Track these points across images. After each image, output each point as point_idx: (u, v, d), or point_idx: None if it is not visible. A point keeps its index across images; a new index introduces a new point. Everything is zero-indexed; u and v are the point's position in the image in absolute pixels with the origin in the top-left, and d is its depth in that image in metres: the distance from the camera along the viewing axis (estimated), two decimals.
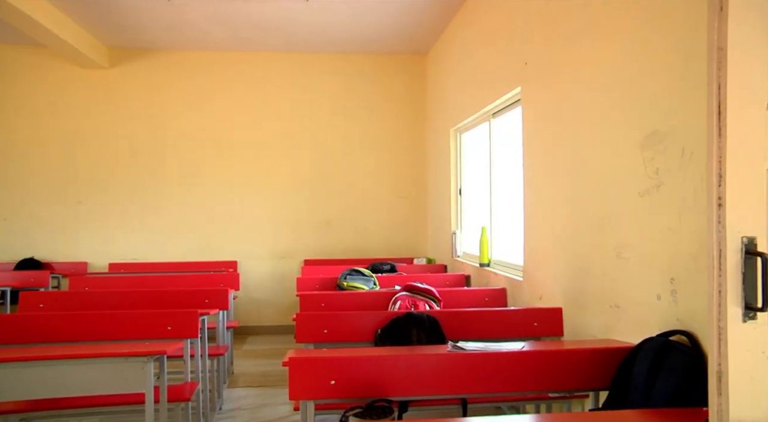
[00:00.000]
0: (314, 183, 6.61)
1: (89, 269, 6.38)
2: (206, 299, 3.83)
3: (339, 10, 5.29)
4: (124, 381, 2.47)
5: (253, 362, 5.31)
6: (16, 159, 6.40)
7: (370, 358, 2.12)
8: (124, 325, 3.18)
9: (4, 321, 3.27)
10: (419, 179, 6.71)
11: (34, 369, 2.45)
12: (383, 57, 6.67)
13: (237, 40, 6.14)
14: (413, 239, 6.69)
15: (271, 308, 6.54)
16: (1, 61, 6.38)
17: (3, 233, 6.40)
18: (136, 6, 5.20)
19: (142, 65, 6.51)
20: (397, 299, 3.61)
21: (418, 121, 6.72)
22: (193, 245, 6.49)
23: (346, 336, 2.89)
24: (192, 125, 6.53)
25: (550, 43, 3.25)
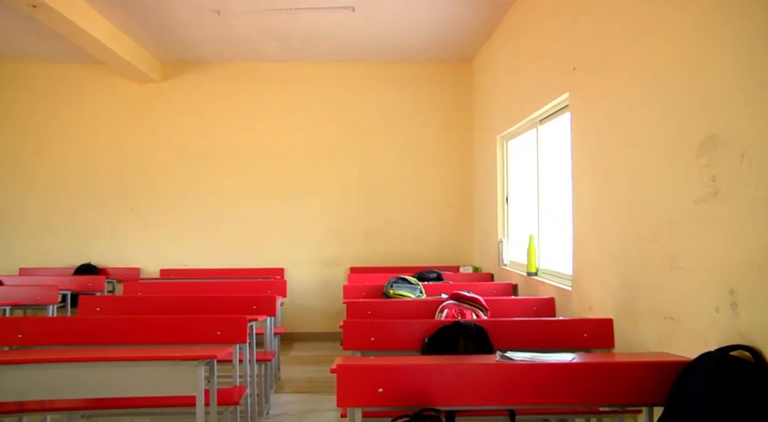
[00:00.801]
0: (361, 191, 6.66)
1: (141, 275, 6.59)
2: (254, 305, 3.90)
3: (385, 20, 5.33)
4: (176, 383, 2.54)
5: (299, 368, 5.36)
6: (76, 169, 6.70)
7: (418, 367, 2.11)
8: (175, 329, 3.27)
9: (65, 323, 3.42)
10: (466, 187, 6.67)
11: (93, 369, 2.54)
12: (429, 65, 6.68)
13: (285, 51, 6.25)
14: (459, 248, 6.64)
15: (317, 315, 6.60)
16: (65, 78, 6.71)
17: (63, 240, 6.68)
18: (187, 21, 5.37)
19: (193, 78, 6.71)
20: (444, 308, 3.59)
21: (464, 128, 6.69)
22: (241, 252, 6.63)
23: (393, 344, 2.89)
24: (241, 135, 6.69)
25: (599, 47, 3.19)
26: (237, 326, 3.19)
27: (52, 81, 6.73)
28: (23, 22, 5.37)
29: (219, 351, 2.58)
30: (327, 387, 4.67)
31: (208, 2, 4.93)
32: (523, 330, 3.00)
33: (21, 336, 3.26)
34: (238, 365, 3.34)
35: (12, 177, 6.71)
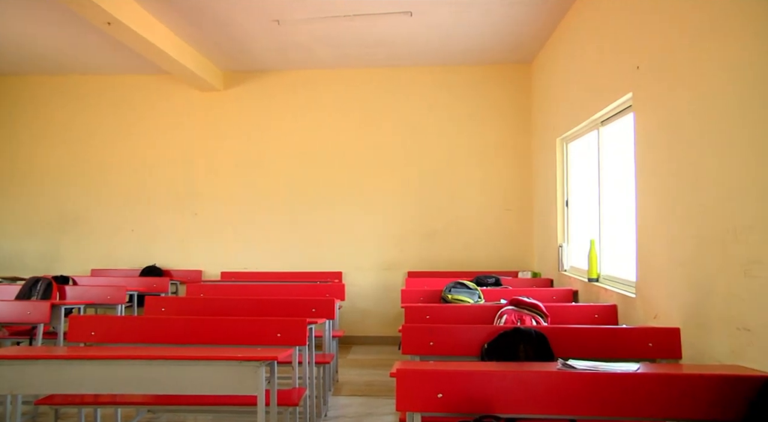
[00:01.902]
0: (419, 196, 6.66)
1: (203, 277, 6.81)
2: (313, 308, 3.95)
3: (443, 23, 5.32)
4: (238, 383, 2.60)
5: (357, 371, 5.40)
6: (143, 176, 6.99)
7: (478, 373, 2.09)
8: (237, 330, 3.35)
9: (134, 322, 3.56)
10: (525, 191, 6.57)
11: (160, 367, 2.64)
12: (487, 67, 6.63)
13: (342, 57, 6.34)
14: (518, 252, 6.55)
15: (375, 318, 6.64)
16: (131, 89, 7.04)
17: (130, 243, 6.98)
18: (248, 31, 5.52)
19: (253, 86, 6.89)
20: (503, 314, 3.54)
21: (523, 131, 6.60)
22: (300, 256, 6.74)
23: (452, 349, 2.87)
24: (300, 141, 6.81)
25: (666, 45, 3.08)
26: (297, 328, 3.24)
27: (120, 92, 7.06)
28: (95, 38, 5.67)
29: (280, 352, 2.62)
30: (384, 391, 4.69)
31: (268, 12, 5.06)
32: (584, 337, 2.93)
33: (94, 333, 3.43)
34: (297, 367, 3.40)
35: (84, 184, 7.08)
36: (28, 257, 7.10)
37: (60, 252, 7.09)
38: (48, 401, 3.05)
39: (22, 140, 7.18)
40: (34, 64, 6.68)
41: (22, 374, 2.66)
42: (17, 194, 7.17)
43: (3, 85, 7.23)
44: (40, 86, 7.18)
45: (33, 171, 7.16)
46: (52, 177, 7.13)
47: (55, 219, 7.12)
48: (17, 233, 7.16)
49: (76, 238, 7.08)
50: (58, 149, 7.13)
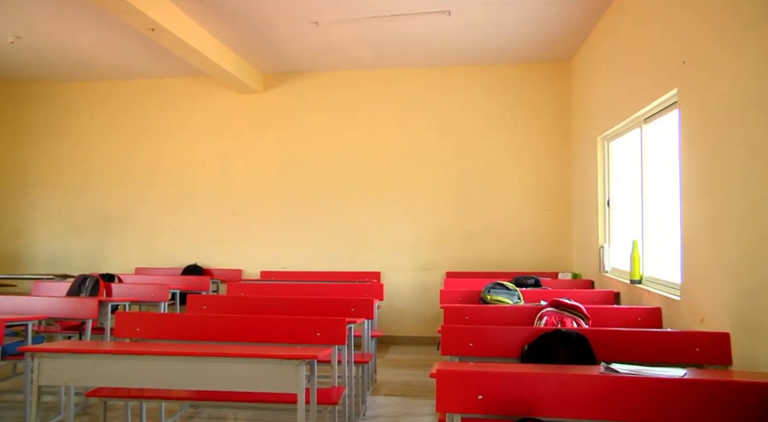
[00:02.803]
0: (457, 196, 6.63)
1: (243, 276, 6.92)
2: (352, 308, 3.98)
3: (481, 22, 5.29)
4: (279, 381, 2.63)
5: (395, 371, 5.41)
6: (184, 177, 7.15)
7: (519, 375, 2.07)
8: (277, 329, 3.40)
9: (177, 319, 3.64)
10: (564, 191, 6.47)
11: (203, 363, 2.69)
12: (525, 66, 6.55)
13: (380, 57, 6.36)
14: (558, 253, 6.45)
15: (413, 319, 6.64)
16: (172, 92, 7.21)
17: (172, 243, 7.15)
18: (287, 34, 5.59)
19: (291, 87, 6.96)
20: (543, 315, 3.50)
21: (562, 130, 6.50)
22: (338, 255, 6.79)
23: (491, 350, 2.85)
24: (338, 142, 6.86)
25: (715, 37, 2.97)
26: (336, 328, 3.27)
27: (161, 95, 7.25)
28: (139, 43, 5.83)
29: (319, 351, 2.65)
30: (423, 391, 4.69)
31: (306, 15, 5.11)
32: (627, 340, 2.86)
33: (139, 329, 3.52)
34: (336, 366, 3.42)
35: (128, 185, 7.28)
36: (75, 256, 7.34)
37: (105, 251, 7.31)
38: (97, 393, 3.16)
39: (70, 143, 7.44)
40: (81, 70, 6.91)
41: (74, 367, 2.76)
42: (65, 195, 7.42)
43: (52, 91, 7.50)
44: (85, 92, 7.42)
45: (79, 173, 7.41)
46: (97, 179, 7.36)
47: (100, 219, 7.34)
48: (65, 232, 7.41)
49: (120, 237, 7.28)
50: (102, 151, 7.36)
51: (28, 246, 7.50)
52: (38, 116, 7.54)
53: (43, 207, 7.49)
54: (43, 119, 7.52)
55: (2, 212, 7.57)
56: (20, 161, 7.55)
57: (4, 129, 7.59)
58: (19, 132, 7.56)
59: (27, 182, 7.53)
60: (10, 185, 7.56)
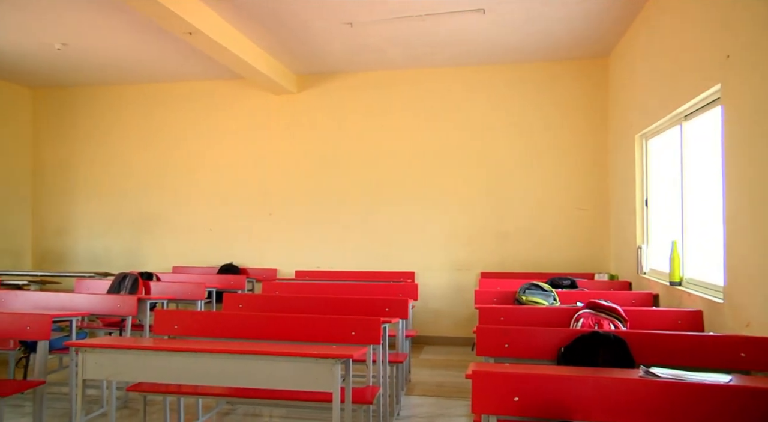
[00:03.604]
0: (491, 195, 6.58)
1: (278, 276, 6.99)
2: (387, 307, 3.98)
3: (515, 20, 5.24)
4: (314, 379, 2.66)
5: (429, 371, 5.40)
6: (220, 177, 7.27)
7: (556, 377, 2.05)
8: (312, 328, 3.43)
9: (214, 317, 3.71)
10: (601, 190, 6.36)
11: (239, 361, 2.74)
12: (560, 63, 6.46)
13: (413, 57, 6.35)
14: (594, 254, 6.34)
15: (447, 319, 6.61)
16: (208, 94, 7.34)
17: (209, 242, 7.28)
18: (321, 35, 5.63)
19: (325, 88, 7.01)
20: (580, 317, 3.45)
21: (598, 128, 6.38)
22: (372, 255, 6.81)
23: (527, 352, 2.82)
24: (372, 142, 6.88)
25: (759, 30, 2.87)
26: (371, 327, 3.28)
27: (197, 97, 7.38)
28: (176, 47, 5.95)
29: (355, 351, 2.66)
30: (457, 392, 4.67)
31: (341, 16, 5.13)
32: (667, 344, 2.80)
33: (177, 326, 3.60)
34: (371, 365, 3.43)
35: (165, 186, 7.44)
36: (115, 255, 7.54)
37: (143, 250, 7.49)
38: (137, 388, 3.24)
39: (110, 145, 7.64)
40: (120, 74, 7.09)
41: (115, 362, 2.84)
42: (105, 196, 7.63)
43: (93, 95, 7.71)
44: (124, 95, 7.61)
45: (119, 174, 7.60)
46: (136, 180, 7.54)
47: (138, 219, 7.52)
48: (105, 232, 7.62)
49: (157, 237, 7.45)
50: (141, 153, 7.54)
51: (72, 245, 7.74)
52: (81, 120, 7.76)
53: (86, 207, 7.71)
54: (85, 122, 7.74)
55: (48, 212, 7.82)
56: (64, 163, 7.79)
57: (50, 132, 7.84)
58: (64, 135, 7.80)
59: (70, 183, 7.77)
60: (55, 186, 7.81)
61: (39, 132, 7.89)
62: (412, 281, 6.43)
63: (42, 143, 7.88)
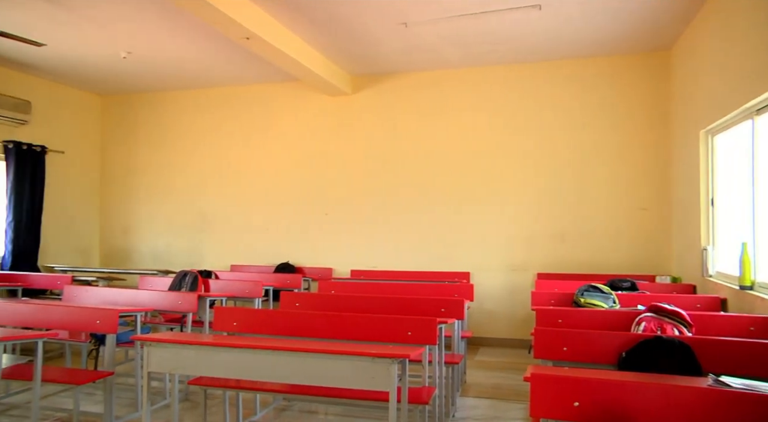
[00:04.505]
0: (547, 195, 6.45)
1: (334, 275, 7.06)
2: (442, 308, 3.97)
3: (571, 14, 5.12)
4: (371, 379, 2.66)
5: (484, 373, 5.34)
6: (277, 178, 7.42)
7: (618, 383, 1.99)
8: (368, 327, 3.45)
9: (271, 315, 3.79)
10: (662, 188, 6.13)
11: (296, 358, 2.77)
12: (619, 58, 6.27)
13: (468, 56, 6.30)
14: (655, 255, 6.12)
15: (503, 320, 6.53)
16: (264, 96, 7.51)
17: (266, 241, 7.43)
18: (376, 36, 5.66)
19: (380, 89, 7.04)
20: (641, 321, 3.33)
21: (660, 124, 6.16)
22: (427, 255, 6.79)
23: (586, 356, 2.76)
24: (427, 142, 6.86)
25: None
26: (428, 327, 3.27)
27: (255, 100, 7.55)
28: (232, 52, 6.10)
29: (411, 351, 2.66)
30: (513, 395, 4.61)
31: (395, 16, 5.15)
32: (738, 351, 2.67)
33: (236, 323, 3.68)
34: (427, 366, 3.43)
35: (223, 186, 7.65)
36: (175, 253, 7.81)
37: (202, 249, 7.72)
38: (198, 382, 3.35)
39: (170, 148, 7.94)
40: (180, 79, 7.36)
41: (178, 356, 2.93)
42: (167, 196, 7.92)
43: (154, 100, 8.03)
44: (184, 99, 7.89)
45: (179, 176, 7.88)
46: (195, 181, 7.79)
47: (197, 219, 7.76)
48: (166, 231, 7.91)
49: (216, 236, 7.66)
50: (200, 155, 7.78)
51: (136, 243, 8.06)
52: (144, 124, 8.08)
53: (149, 208, 8.02)
54: (148, 126, 8.05)
55: (115, 212, 8.17)
56: (129, 166, 8.13)
57: (116, 137, 8.19)
58: (128, 139, 8.14)
59: (135, 184, 8.10)
60: (121, 187, 8.16)
61: (106, 136, 8.26)
62: (468, 281, 6.38)
63: (108, 146, 8.25)
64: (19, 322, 3.91)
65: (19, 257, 6.90)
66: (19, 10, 5.07)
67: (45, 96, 7.36)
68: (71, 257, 7.79)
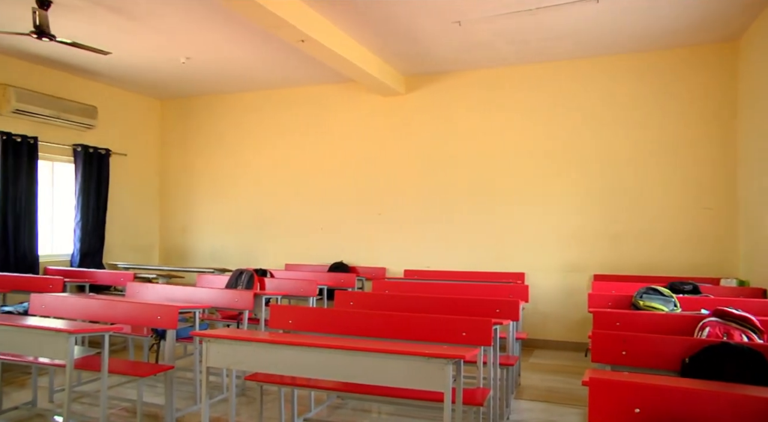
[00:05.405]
0: (604, 194, 6.27)
1: (387, 275, 7.08)
2: (497, 309, 3.92)
3: (631, 6, 4.95)
4: (426, 379, 2.66)
5: (539, 376, 5.26)
6: (331, 178, 7.51)
7: (683, 390, 1.92)
8: (422, 327, 3.44)
9: (326, 313, 3.83)
10: (728, 187, 5.86)
11: (351, 357, 2.79)
12: (681, 50, 6.02)
13: (524, 53, 6.20)
14: (720, 257, 5.86)
15: (558, 322, 6.40)
16: (318, 98, 7.61)
17: (320, 241, 7.53)
18: (430, 35, 5.65)
19: (433, 88, 7.02)
20: (706, 326, 3.20)
21: (726, 119, 5.88)
22: (480, 255, 6.73)
23: (647, 360, 2.67)
24: (480, 141, 6.80)
25: None
26: (483, 328, 3.24)
27: (309, 102, 7.66)
28: (286, 54, 6.21)
29: (466, 351, 2.63)
30: (568, 399, 4.51)
31: (449, 15, 5.12)
32: None
33: (292, 321, 3.74)
34: (482, 367, 3.39)
35: (278, 187, 7.80)
36: (231, 252, 8.02)
37: (257, 248, 7.89)
38: (254, 378, 3.42)
39: (227, 150, 8.15)
40: (237, 82, 7.53)
41: (235, 352, 3.00)
42: (223, 196, 8.14)
43: (212, 103, 8.26)
44: (240, 102, 8.07)
45: (235, 176, 8.08)
46: (251, 181, 7.97)
47: (252, 218, 7.94)
48: (223, 231, 8.13)
49: (271, 235, 7.82)
50: (255, 156, 7.96)
51: (194, 242, 8.31)
52: (201, 126, 8.32)
53: (206, 208, 8.26)
54: (205, 129, 8.28)
55: (174, 212, 8.45)
56: (187, 167, 8.40)
57: (175, 139, 8.47)
58: (186, 141, 8.41)
59: (192, 185, 8.35)
60: (181, 188, 8.43)
61: (165, 139, 8.55)
62: (522, 282, 6.28)
63: (168, 149, 8.54)
64: (87, 316, 4.10)
65: (86, 255, 7.24)
66: (88, 21, 5.32)
67: (109, 101, 7.68)
68: (133, 255, 8.11)
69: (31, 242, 6.59)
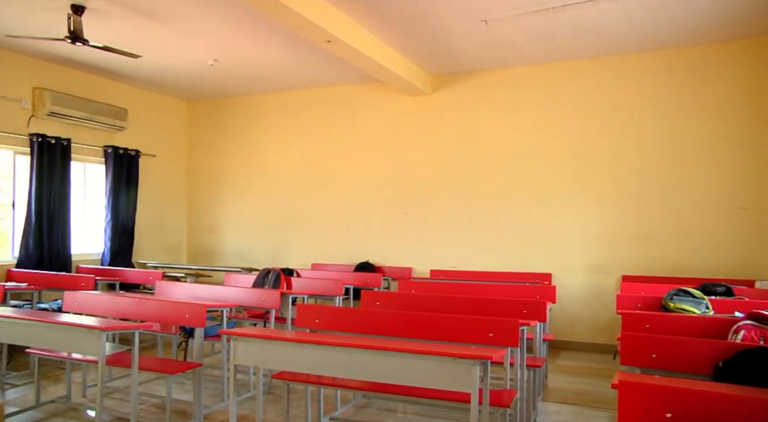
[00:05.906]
0: (634, 193, 6.16)
1: (413, 274, 7.08)
2: (524, 310, 3.89)
3: (661, 2, 4.85)
4: (452, 379, 2.64)
5: (566, 378, 5.20)
6: (357, 178, 7.53)
7: (717, 395, 1.87)
8: (449, 327, 3.43)
9: (353, 313, 3.85)
10: (761, 186, 5.71)
11: (378, 356, 2.79)
12: (717, 46, 5.87)
13: (551, 51, 6.14)
14: (754, 258, 5.71)
15: (585, 324, 6.32)
16: (345, 98, 7.64)
17: (346, 241, 7.55)
18: (456, 34, 5.62)
19: (459, 88, 6.99)
20: (740, 329, 3.13)
21: (763, 116, 5.71)
22: (507, 255, 6.68)
23: (678, 364, 2.62)
24: (507, 140, 6.74)
25: None
26: (510, 329, 3.22)
27: (334, 102, 7.70)
28: (312, 55, 6.25)
29: (494, 352, 2.61)
30: (596, 402, 4.45)
31: (476, 14, 5.09)
32: None
33: (318, 321, 3.77)
34: (509, 368, 3.37)
35: (304, 187, 7.85)
36: (258, 252, 8.09)
37: (284, 247, 7.94)
38: (281, 376, 3.45)
39: (254, 150, 8.23)
40: (264, 83, 7.61)
41: (262, 351, 3.03)
42: (250, 196, 8.23)
43: (239, 104, 8.35)
44: (267, 103, 8.15)
45: (262, 176, 8.16)
46: (277, 181, 8.04)
47: (280, 219, 8.01)
48: (250, 231, 8.22)
49: (297, 235, 7.87)
50: (281, 157, 8.02)
51: (221, 242, 8.41)
52: (228, 127, 8.42)
53: (233, 208, 8.35)
54: (232, 130, 8.38)
55: (202, 211, 8.57)
56: (214, 168, 8.51)
57: (204, 140, 8.59)
58: (214, 142, 8.52)
59: (220, 185, 8.46)
60: (208, 188, 8.54)
61: (193, 140, 8.68)
62: (549, 283, 6.21)
63: (195, 149, 8.66)
64: (117, 313, 4.18)
65: (116, 254, 7.38)
66: (119, 25, 5.43)
67: (139, 103, 7.82)
68: (162, 255, 8.24)
69: (64, 241, 6.74)
